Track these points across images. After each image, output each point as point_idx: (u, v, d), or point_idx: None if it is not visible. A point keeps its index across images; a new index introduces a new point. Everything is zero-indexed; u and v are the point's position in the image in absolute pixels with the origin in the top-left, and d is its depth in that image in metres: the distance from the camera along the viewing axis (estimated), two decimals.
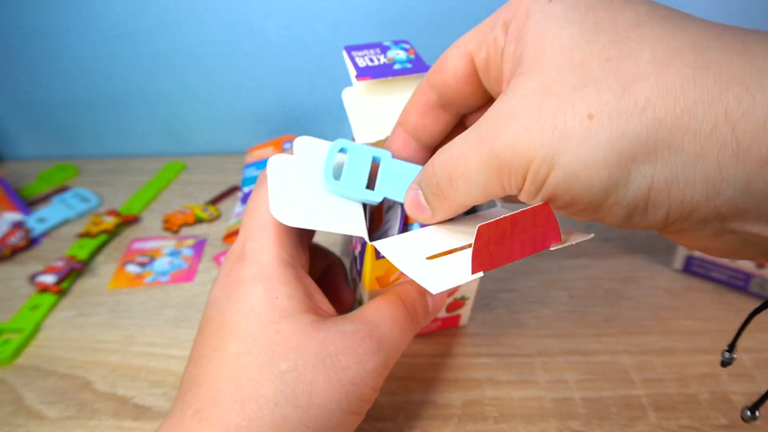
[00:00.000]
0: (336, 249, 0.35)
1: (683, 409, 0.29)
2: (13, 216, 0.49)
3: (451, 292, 0.31)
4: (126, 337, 0.35)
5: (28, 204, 0.52)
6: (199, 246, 0.45)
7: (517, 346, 0.33)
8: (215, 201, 0.52)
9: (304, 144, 0.25)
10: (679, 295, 0.37)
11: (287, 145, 0.52)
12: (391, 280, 0.29)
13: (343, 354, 0.21)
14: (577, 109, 0.15)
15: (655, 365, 0.31)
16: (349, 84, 0.29)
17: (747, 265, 0.35)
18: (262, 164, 0.52)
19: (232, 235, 0.45)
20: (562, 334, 0.34)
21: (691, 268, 0.38)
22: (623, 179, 0.15)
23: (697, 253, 0.39)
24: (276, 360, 0.20)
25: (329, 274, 0.30)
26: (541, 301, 0.37)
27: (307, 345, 0.20)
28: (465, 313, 0.34)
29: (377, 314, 0.23)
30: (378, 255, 0.26)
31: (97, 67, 0.56)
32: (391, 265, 0.26)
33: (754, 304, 0.33)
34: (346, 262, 0.32)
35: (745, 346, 0.32)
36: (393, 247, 0.22)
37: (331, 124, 0.59)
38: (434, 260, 0.21)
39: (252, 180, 0.51)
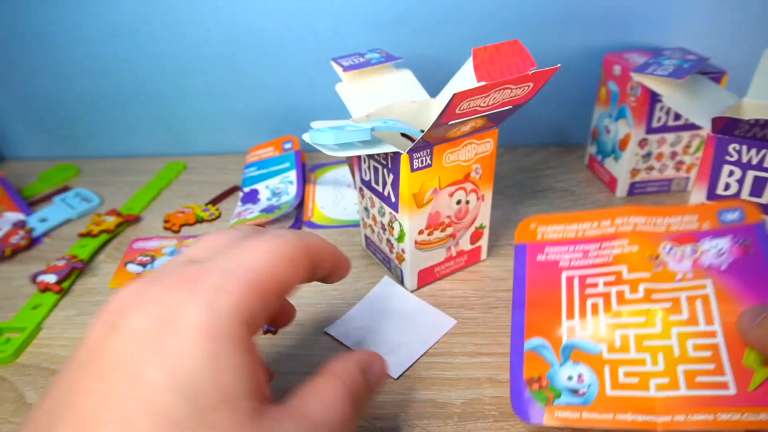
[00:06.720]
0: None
1: None
2: (15, 216, 0.49)
3: (472, 220, 0.37)
4: None
5: (30, 204, 0.52)
6: None
7: None
8: (216, 201, 0.52)
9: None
10: None
11: (287, 145, 0.53)
12: (425, 199, 0.33)
13: None
14: None
15: None
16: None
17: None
18: (262, 164, 0.52)
19: None
20: None
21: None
22: None
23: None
24: None
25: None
26: None
27: None
28: (484, 245, 0.39)
29: (318, 405, 0.20)
30: (413, 167, 0.31)
31: (97, 67, 0.57)
32: (426, 179, 0.32)
33: None
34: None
35: None
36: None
37: None
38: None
39: (252, 180, 0.51)
